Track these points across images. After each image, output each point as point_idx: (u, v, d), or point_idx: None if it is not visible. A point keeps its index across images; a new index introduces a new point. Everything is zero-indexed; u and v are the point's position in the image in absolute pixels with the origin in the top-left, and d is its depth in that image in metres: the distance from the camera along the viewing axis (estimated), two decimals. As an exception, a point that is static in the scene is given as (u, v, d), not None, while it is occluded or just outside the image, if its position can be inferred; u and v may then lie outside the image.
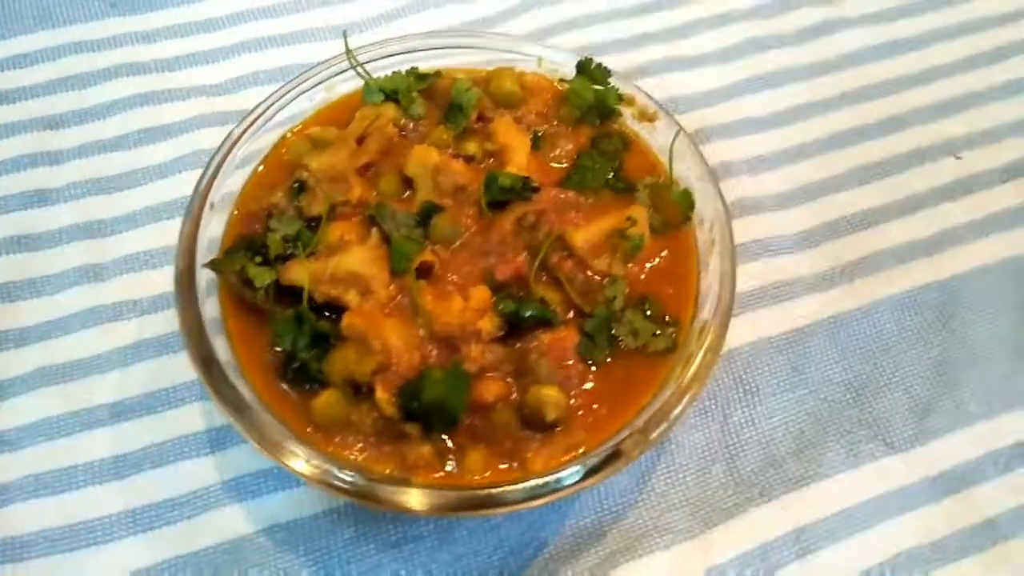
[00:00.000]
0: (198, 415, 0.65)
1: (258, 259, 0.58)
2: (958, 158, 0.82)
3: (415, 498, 0.50)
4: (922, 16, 0.91)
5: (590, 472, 0.51)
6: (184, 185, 0.75)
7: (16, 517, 0.62)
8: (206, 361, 0.54)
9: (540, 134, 0.65)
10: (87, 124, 0.81)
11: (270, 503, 0.62)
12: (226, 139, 0.63)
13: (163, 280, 0.71)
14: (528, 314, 0.55)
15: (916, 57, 0.88)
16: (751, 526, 0.62)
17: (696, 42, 0.88)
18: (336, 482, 0.51)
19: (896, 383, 0.70)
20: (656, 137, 0.65)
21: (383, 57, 0.67)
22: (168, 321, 0.70)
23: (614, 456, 0.51)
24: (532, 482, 0.50)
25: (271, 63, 0.85)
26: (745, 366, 0.70)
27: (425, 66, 0.68)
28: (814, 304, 0.73)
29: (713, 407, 0.68)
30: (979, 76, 0.87)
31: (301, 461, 0.52)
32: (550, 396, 0.53)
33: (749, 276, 0.74)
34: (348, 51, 0.64)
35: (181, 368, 0.67)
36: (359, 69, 0.64)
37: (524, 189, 0.59)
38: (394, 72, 0.66)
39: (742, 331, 0.71)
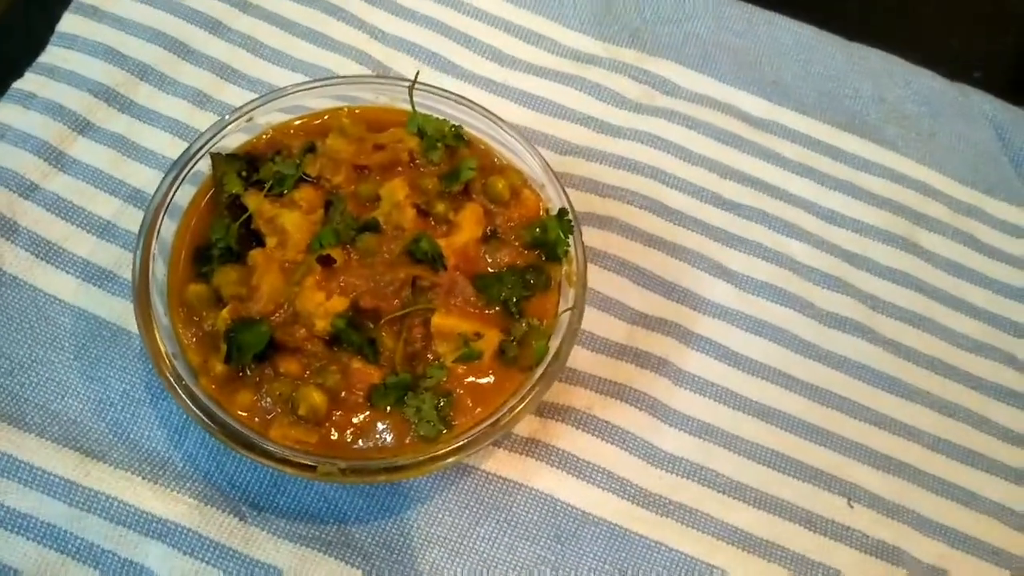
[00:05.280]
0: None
1: (244, 173, 0.75)
2: (850, 506, 0.84)
3: (189, 394, 0.67)
4: (943, 379, 0.91)
5: (284, 463, 0.65)
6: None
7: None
8: (159, 206, 0.73)
9: (496, 233, 0.77)
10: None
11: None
12: (295, 85, 0.81)
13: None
14: (343, 338, 0.68)
15: (899, 404, 0.89)
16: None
17: (738, 259, 0.93)
18: (152, 336, 0.68)
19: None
20: (567, 299, 0.75)
21: (448, 99, 0.82)
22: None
23: (309, 467, 0.65)
24: (247, 433, 0.65)
25: (430, 44, 1.00)
26: (525, 503, 0.78)
27: (473, 131, 0.81)
28: (618, 507, 0.79)
29: (476, 508, 0.77)
30: (939, 464, 0.86)
31: (153, 310, 0.69)
32: (312, 398, 0.67)
33: (593, 448, 0.82)
34: (412, 84, 0.78)
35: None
36: (412, 101, 0.78)
37: (434, 261, 0.72)
38: (443, 119, 0.79)
39: (547, 478, 0.79)
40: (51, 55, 0.93)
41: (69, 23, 0.94)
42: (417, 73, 0.80)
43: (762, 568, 0.79)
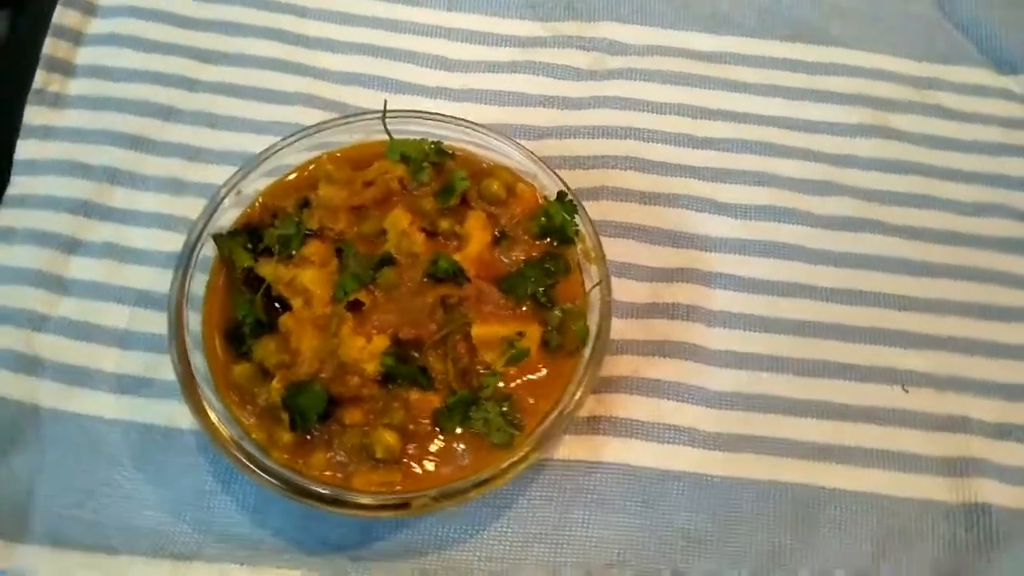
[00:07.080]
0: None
1: (250, 245, 0.76)
2: (905, 391, 0.87)
3: (265, 470, 0.68)
4: (956, 248, 0.93)
5: (378, 509, 0.66)
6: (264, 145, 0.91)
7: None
8: (179, 302, 0.73)
9: (505, 233, 0.78)
10: (225, 67, 1.00)
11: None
12: (271, 147, 0.81)
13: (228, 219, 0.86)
14: (395, 374, 0.69)
15: (923, 282, 0.91)
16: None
17: (729, 191, 0.95)
18: (213, 427, 0.69)
19: (728, 553, 0.78)
20: (591, 275, 0.77)
21: (419, 118, 0.83)
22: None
23: (403, 506, 0.66)
24: (335, 492, 0.66)
25: (377, 70, 1.00)
26: (605, 478, 0.80)
27: (452, 142, 0.82)
28: (692, 456, 0.82)
29: (562, 498, 0.79)
30: (979, 327, 0.89)
31: (206, 401, 0.70)
32: (385, 439, 0.68)
33: (651, 408, 0.84)
34: (384, 114, 0.79)
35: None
36: (388, 130, 0.79)
37: (456, 276, 0.74)
38: (421, 139, 0.80)
39: (617, 449, 0.81)
40: (17, 186, 0.92)
41: (25, 149, 0.94)
42: (386, 102, 0.81)
43: (851, 473, 0.81)
